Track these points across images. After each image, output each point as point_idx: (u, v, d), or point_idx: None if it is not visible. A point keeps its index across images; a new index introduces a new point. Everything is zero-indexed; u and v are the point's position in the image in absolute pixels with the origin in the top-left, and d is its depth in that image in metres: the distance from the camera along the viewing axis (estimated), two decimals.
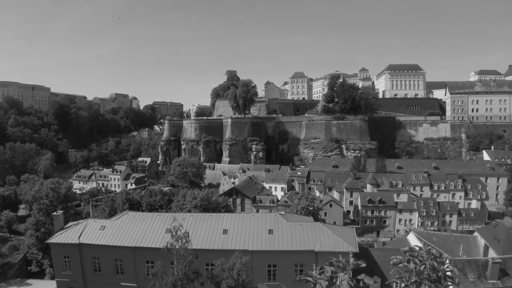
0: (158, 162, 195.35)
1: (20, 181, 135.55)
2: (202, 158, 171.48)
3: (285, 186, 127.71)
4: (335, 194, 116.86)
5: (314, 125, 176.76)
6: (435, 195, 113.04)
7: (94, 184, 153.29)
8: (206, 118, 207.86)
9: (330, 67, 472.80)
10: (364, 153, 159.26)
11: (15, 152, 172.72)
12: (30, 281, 65.88)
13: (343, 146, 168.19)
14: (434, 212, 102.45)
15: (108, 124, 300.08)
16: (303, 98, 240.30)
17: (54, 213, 59.20)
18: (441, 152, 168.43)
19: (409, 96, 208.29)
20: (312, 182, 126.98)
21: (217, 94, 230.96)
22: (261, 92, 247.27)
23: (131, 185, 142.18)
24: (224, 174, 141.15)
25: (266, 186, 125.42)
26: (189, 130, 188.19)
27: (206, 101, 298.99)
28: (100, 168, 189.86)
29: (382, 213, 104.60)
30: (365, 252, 54.56)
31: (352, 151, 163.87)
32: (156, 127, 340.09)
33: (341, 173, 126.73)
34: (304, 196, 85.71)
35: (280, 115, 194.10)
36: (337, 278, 4.79)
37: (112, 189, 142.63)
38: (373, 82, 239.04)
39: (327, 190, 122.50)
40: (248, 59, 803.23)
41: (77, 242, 51.86)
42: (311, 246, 48.82)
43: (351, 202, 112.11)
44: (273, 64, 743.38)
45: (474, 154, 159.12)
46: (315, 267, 5.01)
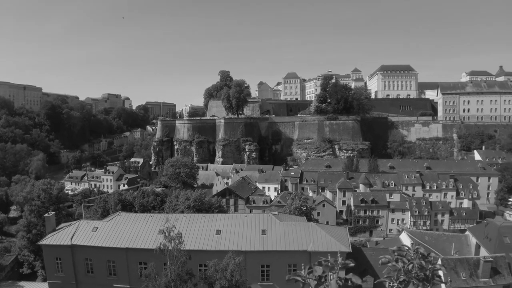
0: (151, 163, 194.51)
1: (11, 182, 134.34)
2: (195, 159, 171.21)
3: (278, 186, 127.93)
4: (328, 194, 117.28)
5: (307, 126, 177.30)
6: (427, 195, 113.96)
7: (87, 185, 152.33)
8: (199, 119, 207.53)
9: (323, 68, 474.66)
10: (357, 153, 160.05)
11: (6, 153, 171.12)
12: (22, 284, 65.33)
13: (336, 146, 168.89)
14: (426, 212, 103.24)
15: (101, 125, 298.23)
16: (296, 99, 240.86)
17: (46, 215, 58.64)
18: (433, 152, 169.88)
19: (401, 97, 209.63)
20: (305, 182, 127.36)
21: (210, 95, 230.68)
22: (254, 93, 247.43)
23: (124, 186, 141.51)
24: (217, 175, 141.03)
25: (259, 187, 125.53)
26: (182, 131, 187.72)
27: (199, 102, 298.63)
28: (93, 169, 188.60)
29: (375, 213, 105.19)
30: (358, 252, 54.86)
31: (345, 151, 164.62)
32: (149, 128, 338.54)
33: (334, 173, 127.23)
34: (297, 196, 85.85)
35: (273, 116, 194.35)
36: (326, 278, 4.85)
37: (105, 190, 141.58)
38: (366, 83, 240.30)
39: (320, 190, 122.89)
40: (241, 60, 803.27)
41: (69, 244, 51.52)
42: (304, 246, 48.98)
43: (344, 202, 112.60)
44: (266, 65, 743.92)
45: (466, 154, 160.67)
46: (304, 267, 5.06)
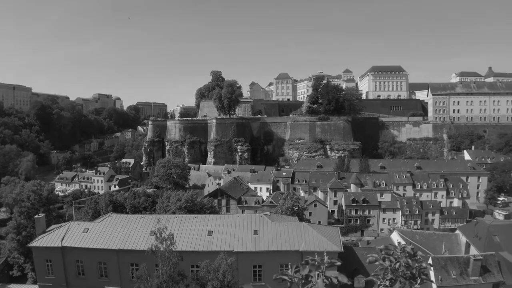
0: (142, 164, 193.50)
1: (1, 184, 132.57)
2: (187, 159, 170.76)
3: (270, 187, 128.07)
4: (320, 194, 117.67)
5: (299, 126, 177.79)
6: (418, 194, 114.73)
7: (77, 186, 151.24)
8: (191, 119, 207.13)
9: (314, 69, 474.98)
10: (348, 153, 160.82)
11: None
12: (12, 286, 64.42)
13: (327, 147, 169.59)
14: (417, 211, 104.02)
15: (91, 125, 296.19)
16: (288, 99, 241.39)
17: (36, 216, 58.08)
18: (424, 152, 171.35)
19: (392, 97, 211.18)
20: (297, 182, 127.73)
21: (202, 95, 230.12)
22: (246, 93, 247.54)
23: (115, 187, 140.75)
24: (209, 175, 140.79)
25: (251, 187, 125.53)
26: (173, 131, 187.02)
27: (191, 102, 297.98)
28: (83, 170, 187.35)
29: (366, 213, 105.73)
30: (350, 251, 55.10)
31: (336, 152, 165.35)
32: (140, 128, 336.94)
33: (325, 173, 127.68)
34: (289, 196, 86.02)
35: (265, 116, 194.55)
36: (312, 277, 4.89)
37: (96, 191, 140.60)
38: (357, 83, 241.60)
39: (312, 190, 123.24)
40: (233, 60, 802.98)
41: (60, 246, 51.07)
42: (296, 246, 49.13)
43: (336, 202, 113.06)
44: (258, 65, 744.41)
45: (456, 154, 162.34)
46: (291, 266, 5.09)
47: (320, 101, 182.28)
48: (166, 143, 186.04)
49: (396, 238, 62.83)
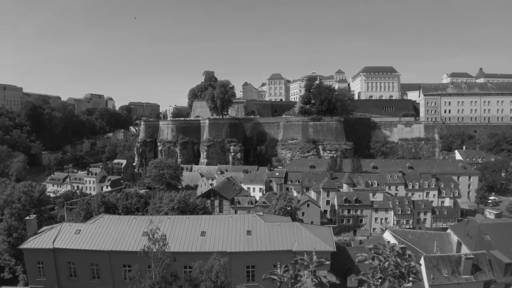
0: (134, 164, 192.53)
1: None
2: (179, 160, 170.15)
3: (263, 187, 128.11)
4: (312, 194, 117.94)
5: (292, 126, 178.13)
6: (410, 194, 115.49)
7: (69, 187, 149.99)
8: (183, 119, 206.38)
9: (307, 69, 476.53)
10: (340, 154, 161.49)
11: None
12: None
13: (320, 147, 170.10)
14: (409, 211, 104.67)
15: (83, 125, 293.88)
16: (281, 100, 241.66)
17: (27, 218, 57.57)
18: (415, 152, 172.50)
19: (384, 98, 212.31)
20: (290, 183, 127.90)
21: (195, 95, 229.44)
22: (239, 93, 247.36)
23: (107, 188, 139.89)
24: (202, 176, 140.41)
25: (244, 187, 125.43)
26: (166, 131, 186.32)
27: (183, 102, 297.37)
28: (75, 171, 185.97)
29: (359, 212, 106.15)
30: (343, 251, 55.34)
31: (329, 152, 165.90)
32: (132, 128, 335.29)
33: (318, 173, 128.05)
34: (282, 197, 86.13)
35: (258, 116, 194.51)
36: (302, 276, 4.92)
37: (87, 192, 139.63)
38: (349, 84, 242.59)
39: (305, 190, 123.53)
40: (226, 60, 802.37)
41: (51, 247, 50.72)
42: (289, 246, 49.24)
43: (328, 202, 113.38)
44: (251, 66, 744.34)
45: (447, 154, 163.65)
46: (280, 265, 5.11)
47: (313, 102, 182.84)
48: (159, 144, 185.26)
49: (389, 238, 63.21)
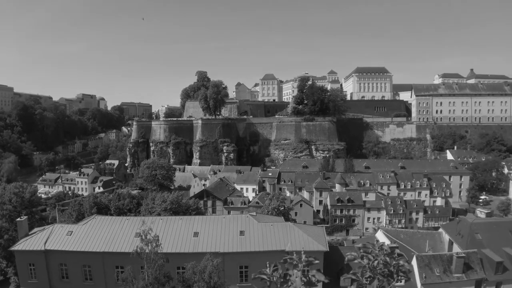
0: (126, 165, 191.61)
1: None
2: (172, 160, 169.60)
3: (256, 187, 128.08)
4: (305, 194, 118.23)
5: (285, 127, 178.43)
6: (402, 194, 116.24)
7: (61, 188, 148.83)
8: (176, 119, 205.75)
9: (300, 70, 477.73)
10: (333, 154, 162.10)
11: None
12: None
13: (313, 147, 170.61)
14: (401, 210, 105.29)
15: (75, 126, 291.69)
16: (274, 100, 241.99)
17: (18, 219, 57.06)
18: (407, 152, 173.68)
19: (376, 98, 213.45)
20: (283, 183, 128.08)
21: (187, 95, 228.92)
22: (232, 93, 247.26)
23: (99, 189, 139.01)
24: (195, 176, 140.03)
25: (238, 188, 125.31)
26: (158, 132, 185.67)
27: (176, 102, 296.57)
28: (67, 171, 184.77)
29: (351, 212, 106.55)
30: (335, 251, 55.47)
31: (321, 152, 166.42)
32: (124, 129, 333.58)
33: (311, 173, 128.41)
34: (275, 197, 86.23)
35: (251, 117, 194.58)
36: (291, 275, 4.95)
37: (79, 193, 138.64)
38: (341, 85, 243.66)
39: (298, 190, 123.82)
40: (219, 61, 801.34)
41: (43, 249, 50.28)
42: (282, 246, 49.27)
43: (321, 202, 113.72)
44: (244, 66, 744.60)
45: (439, 154, 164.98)
46: (269, 265, 5.13)
47: (306, 102, 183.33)
48: (151, 144, 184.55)
49: (381, 237, 63.57)
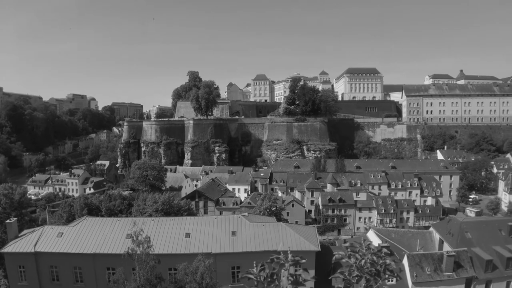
0: (117, 166, 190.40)
1: None
2: (163, 161, 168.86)
3: (248, 188, 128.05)
4: (297, 194, 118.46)
5: (276, 127, 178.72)
6: (393, 193, 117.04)
7: (51, 189, 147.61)
8: (167, 120, 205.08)
9: (291, 70, 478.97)
10: (324, 154, 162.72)
11: None
12: None
13: (304, 147, 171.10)
14: (392, 210, 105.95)
15: (65, 126, 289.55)
16: (265, 100, 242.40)
17: (8, 221, 56.50)
18: (398, 152, 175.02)
19: (367, 99, 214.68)
20: (275, 183, 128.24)
21: (179, 95, 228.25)
22: (224, 94, 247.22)
23: (90, 190, 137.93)
24: (186, 177, 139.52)
25: (229, 188, 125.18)
26: (149, 132, 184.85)
27: (167, 102, 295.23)
28: (57, 172, 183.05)
29: (343, 212, 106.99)
30: (327, 250, 55.73)
31: (313, 152, 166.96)
32: (115, 129, 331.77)
33: (303, 174, 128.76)
34: (267, 197, 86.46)
35: (243, 117, 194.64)
36: (277, 275, 5.00)
37: (70, 194, 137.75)
38: (333, 85, 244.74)
39: (289, 190, 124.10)
40: (211, 61, 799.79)
41: (33, 251, 49.85)
42: (274, 246, 49.35)
43: (313, 202, 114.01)
44: (236, 66, 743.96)
45: (429, 154, 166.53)
46: (256, 265, 5.18)
47: (297, 103, 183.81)
48: (142, 145, 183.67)
49: (372, 237, 64.01)
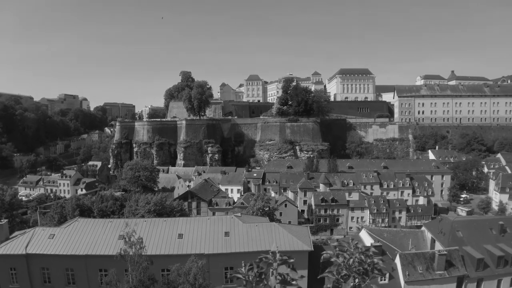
0: (109, 166, 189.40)
1: None
2: (156, 162, 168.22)
3: (241, 188, 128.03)
4: (290, 194, 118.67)
5: (269, 127, 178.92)
6: (385, 193, 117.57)
7: (42, 190, 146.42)
8: (160, 120, 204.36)
9: (284, 71, 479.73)
10: (317, 154, 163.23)
11: None
12: None
13: (297, 148, 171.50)
14: (384, 209, 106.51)
15: (57, 127, 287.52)
16: (258, 101, 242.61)
17: None
18: (390, 152, 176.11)
19: (359, 99, 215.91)
20: (268, 183, 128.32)
21: (171, 95, 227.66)
22: (217, 94, 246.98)
23: (82, 191, 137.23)
24: (179, 178, 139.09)
25: (222, 189, 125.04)
26: (142, 132, 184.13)
27: (160, 102, 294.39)
28: (48, 173, 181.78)
29: (335, 212, 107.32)
30: (320, 250, 55.84)
31: (305, 152, 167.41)
32: (107, 130, 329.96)
33: (295, 174, 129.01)
34: (260, 197, 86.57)
35: (236, 117, 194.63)
36: (266, 274, 5.05)
37: (61, 195, 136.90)
38: (325, 86, 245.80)
39: (282, 191, 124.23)
40: (204, 61, 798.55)
41: (24, 253, 49.40)
42: (267, 247, 49.37)
43: (305, 202, 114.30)
44: (229, 67, 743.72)
45: (421, 154, 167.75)
46: (244, 264, 5.23)
47: (290, 103, 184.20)
48: (134, 145, 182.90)
49: (365, 236, 64.33)
